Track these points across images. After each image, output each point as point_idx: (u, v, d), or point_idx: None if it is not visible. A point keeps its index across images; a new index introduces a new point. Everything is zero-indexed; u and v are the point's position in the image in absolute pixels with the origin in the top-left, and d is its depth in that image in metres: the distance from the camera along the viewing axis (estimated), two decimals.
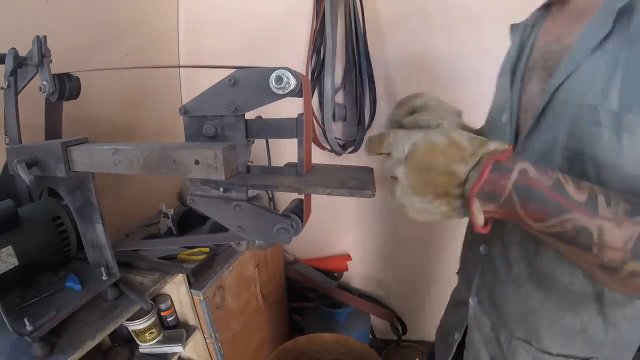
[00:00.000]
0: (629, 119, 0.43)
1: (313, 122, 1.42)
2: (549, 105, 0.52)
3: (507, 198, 0.41)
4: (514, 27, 0.69)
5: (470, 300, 0.72)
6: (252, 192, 1.22)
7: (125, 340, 1.08)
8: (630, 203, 0.40)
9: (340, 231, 1.78)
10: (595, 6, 0.49)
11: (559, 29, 0.57)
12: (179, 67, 1.70)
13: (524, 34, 0.65)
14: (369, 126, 1.49)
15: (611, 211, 0.39)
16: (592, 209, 0.39)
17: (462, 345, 0.77)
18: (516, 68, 0.62)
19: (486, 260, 0.66)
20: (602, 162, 0.45)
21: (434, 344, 0.93)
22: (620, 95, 0.44)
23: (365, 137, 1.48)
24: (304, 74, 1.08)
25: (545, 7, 0.65)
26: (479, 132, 0.63)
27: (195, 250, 1.17)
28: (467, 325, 0.74)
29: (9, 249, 0.71)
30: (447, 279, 1.77)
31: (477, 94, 1.42)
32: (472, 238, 0.73)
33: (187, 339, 1.09)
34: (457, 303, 0.80)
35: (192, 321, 1.14)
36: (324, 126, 1.41)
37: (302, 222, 0.55)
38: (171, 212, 1.28)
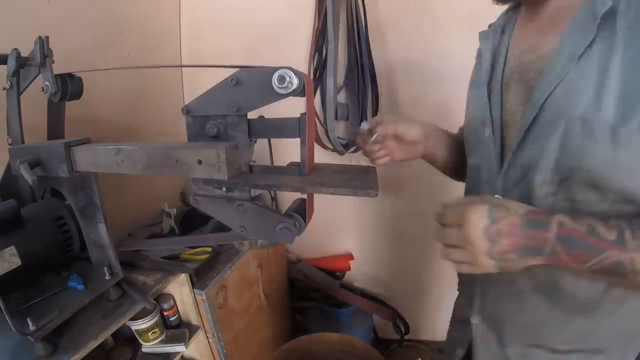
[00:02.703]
0: (625, 133, 0.43)
1: (315, 121, 1.41)
2: (536, 119, 0.51)
3: (552, 250, 0.45)
4: (483, 35, 0.66)
5: (473, 319, 0.71)
6: (254, 192, 1.22)
7: (128, 340, 1.08)
8: None
9: (343, 231, 1.78)
10: (569, 11, 0.48)
11: (533, 36, 0.55)
12: (181, 66, 1.70)
13: (494, 41, 0.62)
14: None
15: (637, 243, 0.42)
16: (622, 244, 0.43)
17: None
18: (492, 79, 0.61)
19: (486, 277, 0.65)
20: (597, 175, 0.46)
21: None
22: (616, 106, 0.43)
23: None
24: (306, 73, 1.08)
25: (513, 9, 0.62)
26: (457, 136, 0.68)
27: (198, 249, 1.17)
28: (470, 342, 0.74)
29: (11, 249, 0.71)
30: (450, 278, 1.77)
31: None
32: None
33: (189, 338, 1.09)
34: (459, 319, 0.79)
35: (194, 321, 1.14)
36: (326, 125, 1.41)
37: (305, 221, 0.54)
38: (174, 211, 1.28)
